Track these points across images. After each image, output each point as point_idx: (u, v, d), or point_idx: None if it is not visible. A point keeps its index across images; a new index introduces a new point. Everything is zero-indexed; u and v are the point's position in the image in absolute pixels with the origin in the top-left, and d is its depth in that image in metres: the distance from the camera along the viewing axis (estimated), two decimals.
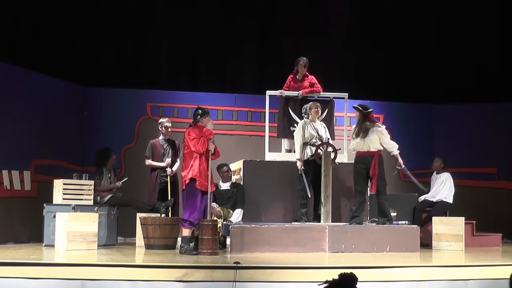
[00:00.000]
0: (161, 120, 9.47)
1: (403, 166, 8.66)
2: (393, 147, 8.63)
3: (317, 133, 8.71)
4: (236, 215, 8.62)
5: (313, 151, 8.61)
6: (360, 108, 8.71)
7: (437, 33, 12.34)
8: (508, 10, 11.84)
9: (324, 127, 8.97)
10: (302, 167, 8.59)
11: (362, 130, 8.55)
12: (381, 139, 8.58)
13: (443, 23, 12.25)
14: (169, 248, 8.28)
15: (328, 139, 8.85)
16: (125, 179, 9.18)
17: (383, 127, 8.77)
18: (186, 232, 7.66)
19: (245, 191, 8.76)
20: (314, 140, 8.68)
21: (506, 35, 11.93)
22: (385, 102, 12.01)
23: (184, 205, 7.72)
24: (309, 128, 8.73)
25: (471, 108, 11.85)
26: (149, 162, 9.23)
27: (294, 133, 8.87)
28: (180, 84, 11.51)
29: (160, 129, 9.33)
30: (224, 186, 8.83)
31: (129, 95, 11.00)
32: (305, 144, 8.67)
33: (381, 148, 8.63)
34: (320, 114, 8.99)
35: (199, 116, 7.82)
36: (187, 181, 7.62)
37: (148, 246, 8.42)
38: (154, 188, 9.11)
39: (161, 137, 9.35)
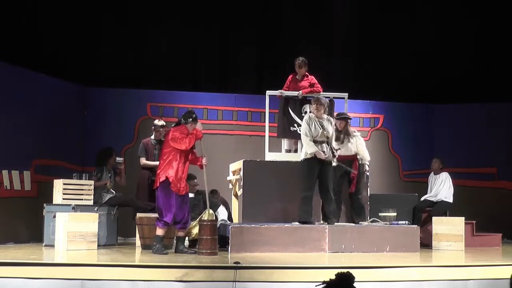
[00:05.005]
0: (155, 122, 9.50)
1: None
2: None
3: (323, 129, 8.35)
4: (222, 215, 8.64)
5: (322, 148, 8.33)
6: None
7: (437, 33, 12.33)
8: (509, 10, 11.83)
9: (330, 121, 8.56)
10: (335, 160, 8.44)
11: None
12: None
13: (442, 23, 12.25)
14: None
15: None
16: (115, 194, 9.09)
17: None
18: (159, 231, 7.58)
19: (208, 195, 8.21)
20: (319, 137, 8.35)
21: (507, 35, 11.93)
22: (385, 102, 12.01)
23: (159, 204, 7.56)
24: (315, 124, 8.37)
25: (471, 108, 11.85)
26: (143, 161, 9.27)
27: (301, 129, 8.53)
28: (180, 84, 11.51)
29: (153, 130, 9.42)
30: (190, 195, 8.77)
31: (129, 95, 11.00)
32: (315, 142, 8.32)
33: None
34: (319, 110, 8.45)
35: (190, 119, 7.59)
36: (161, 179, 7.47)
37: (145, 246, 8.37)
38: (147, 187, 9.12)
39: (152, 137, 9.41)
